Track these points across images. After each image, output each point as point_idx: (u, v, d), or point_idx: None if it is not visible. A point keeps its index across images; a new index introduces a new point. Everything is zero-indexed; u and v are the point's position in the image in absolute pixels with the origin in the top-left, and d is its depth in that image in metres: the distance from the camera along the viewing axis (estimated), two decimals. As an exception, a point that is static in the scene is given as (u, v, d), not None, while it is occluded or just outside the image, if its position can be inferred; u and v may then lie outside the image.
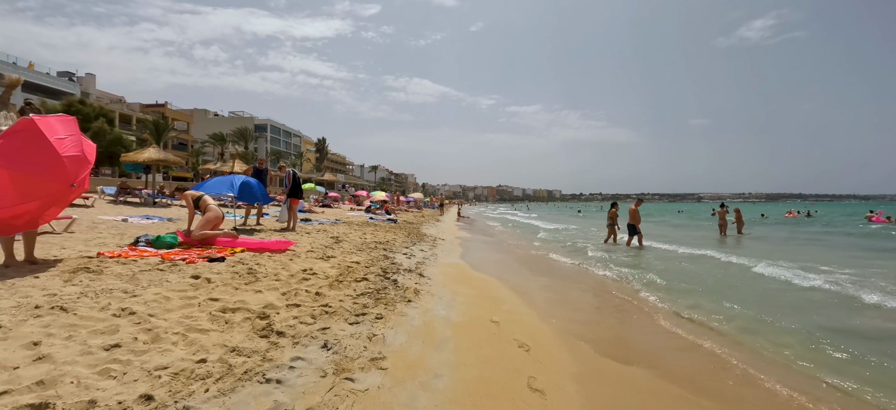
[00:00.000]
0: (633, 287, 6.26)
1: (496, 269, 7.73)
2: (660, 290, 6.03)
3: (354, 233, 10.25)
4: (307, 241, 7.81)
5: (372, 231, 11.18)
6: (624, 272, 7.50)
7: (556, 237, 15.96)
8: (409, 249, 8.70)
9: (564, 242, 13.93)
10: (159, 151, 15.23)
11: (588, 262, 9.03)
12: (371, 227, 12.47)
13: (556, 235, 17.18)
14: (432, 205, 47.79)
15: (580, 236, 16.75)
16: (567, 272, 7.85)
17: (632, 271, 7.80)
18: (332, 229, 10.74)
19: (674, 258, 9.57)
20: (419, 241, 10.51)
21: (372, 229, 11.87)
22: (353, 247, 7.76)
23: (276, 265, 5.12)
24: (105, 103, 57.00)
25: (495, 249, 11.67)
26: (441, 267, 6.95)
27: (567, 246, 12.53)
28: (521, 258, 10.03)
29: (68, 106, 30.04)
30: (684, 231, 19.75)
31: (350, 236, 9.38)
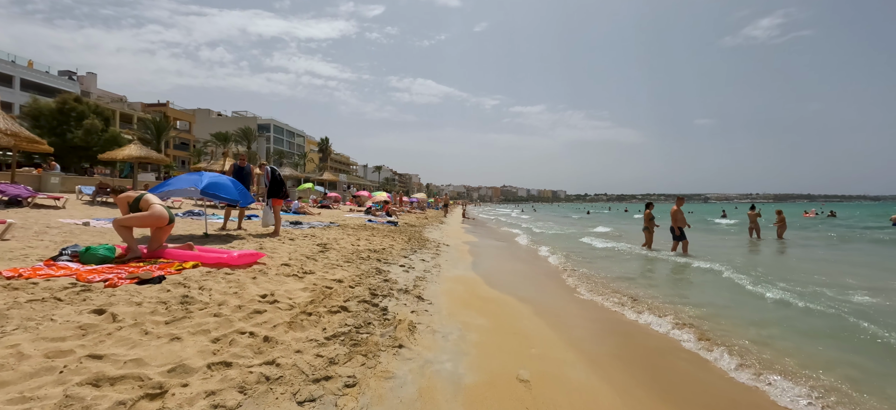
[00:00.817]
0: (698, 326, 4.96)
1: (514, 283, 6.45)
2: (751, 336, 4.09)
3: (347, 238, 9.04)
4: (287, 250, 6.60)
5: (368, 236, 9.97)
6: (662, 292, 6.17)
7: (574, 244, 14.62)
8: (409, 258, 7.47)
9: (589, 245, 12.65)
10: (140, 148, 14.12)
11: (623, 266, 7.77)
12: (368, 231, 11.26)
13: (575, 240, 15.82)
14: (436, 206, 46.55)
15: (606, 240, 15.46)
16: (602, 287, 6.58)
17: (670, 290, 6.48)
18: (323, 233, 9.53)
19: (730, 284, 6.96)
20: (421, 248, 9.28)
21: (368, 233, 10.65)
22: (341, 257, 6.54)
23: (228, 288, 3.90)
24: (106, 103, 56.41)
25: (510, 256, 10.36)
26: (446, 283, 5.71)
27: (593, 252, 11.24)
28: (543, 267, 8.72)
29: (62, 103, 29.12)
30: (714, 236, 18.25)
31: (341, 243, 8.17)
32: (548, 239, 15.35)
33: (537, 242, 13.97)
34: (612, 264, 9.03)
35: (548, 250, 11.48)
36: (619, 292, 6.08)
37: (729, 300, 5.79)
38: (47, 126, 28.96)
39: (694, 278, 7.62)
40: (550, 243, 13.44)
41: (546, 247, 12.13)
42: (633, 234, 17.80)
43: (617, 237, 16.35)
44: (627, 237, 15.97)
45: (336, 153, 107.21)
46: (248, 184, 9.33)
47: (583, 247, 12.79)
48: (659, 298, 5.70)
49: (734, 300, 5.81)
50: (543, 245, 12.61)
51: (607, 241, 14.50)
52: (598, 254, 10.99)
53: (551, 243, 13.41)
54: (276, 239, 7.70)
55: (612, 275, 7.56)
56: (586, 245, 13.39)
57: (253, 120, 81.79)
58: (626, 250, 11.39)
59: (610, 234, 18.58)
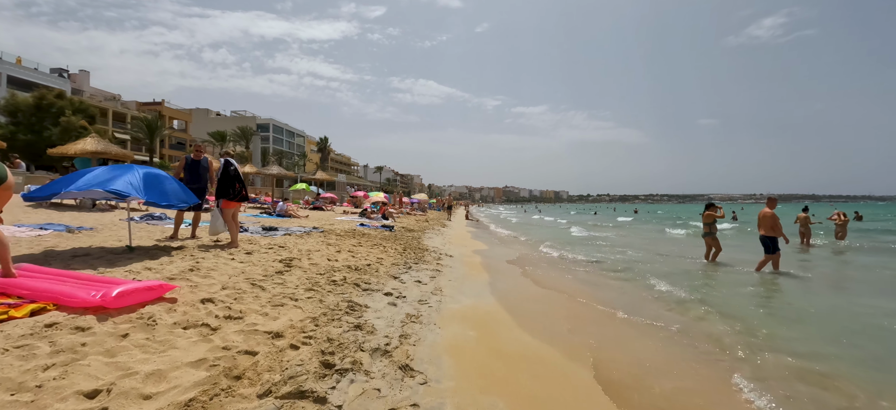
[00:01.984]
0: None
1: (558, 320, 4.55)
2: None
3: (326, 249, 7.17)
4: (228, 272, 4.74)
5: (353, 245, 8.10)
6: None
7: (601, 249, 12.68)
8: (399, 279, 5.60)
9: (624, 252, 10.72)
10: (98, 141, 12.31)
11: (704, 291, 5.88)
12: (356, 238, 9.40)
13: (598, 245, 13.86)
14: (438, 207, 44.63)
15: (635, 244, 13.53)
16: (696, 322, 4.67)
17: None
18: (298, 243, 7.68)
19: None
20: (418, 261, 7.41)
21: (355, 241, 8.78)
22: (304, 282, 4.68)
23: (59, 359, 2.04)
24: (98, 101, 54.85)
25: (536, 270, 8.40)
26: (451, 326, 3.84)
27: (636, 262, 9.32)
28: (588, 289, 6.55)
29: (40, 99, 27.41)
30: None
31: (314, 257, 6.30)
32: (576, 244, 13.43)
33: (564, 246, 12.07)
34: (694, 281, 7.09)
35: (584, 259, 9.54)
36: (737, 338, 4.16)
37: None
38: (25, 123, 27.33)
39: (777, 288, 5.69)
40: (582, 249, 11.52)
41: (578, 253, 10.23)
42: (662, 242, 15.89)
43: (662, 245, 14.44)
44: (663, 246, 14.00)
45: (337, 154, 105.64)
46: (206, 181, 7.48)
47: (631, 255, 10.84)
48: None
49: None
50: (573, 251, 10.73)
51: (656, 249, 12.58)
52: (659, 269, 8.55)
53: (583, 250, 11.48)
54: (225, 253, 5.84)
55: (719, 305, 5.61)
56: (638, 256, 11.06)
57: (252, 120, 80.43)
58: (691, 264, 9.22)
59: (651, 240, 16.65)
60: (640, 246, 13.13)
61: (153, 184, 5.28)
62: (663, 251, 11.81)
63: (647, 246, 13.33)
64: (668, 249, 12.60)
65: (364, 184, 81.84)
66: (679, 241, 15.69)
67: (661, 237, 17.57)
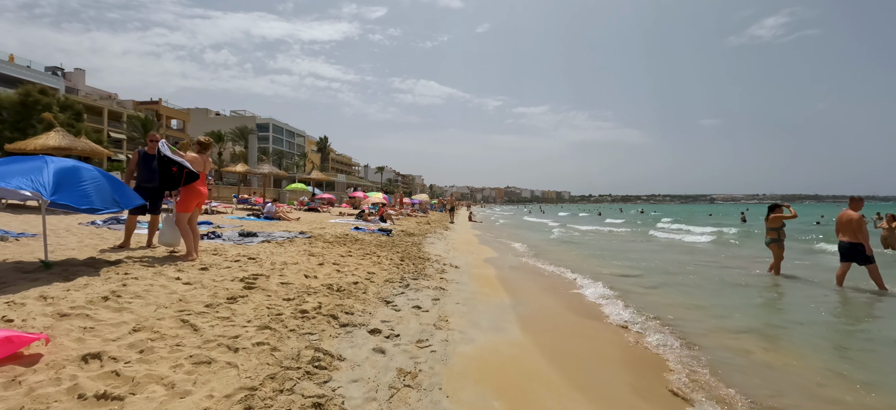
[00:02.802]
0: None
1: (618, 359, 3.29)
2: None
3: (306, 263, 5.91)
4: (164, 298, 3.49)
5: (341, 256, 6.83)
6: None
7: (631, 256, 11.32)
8: (392, 304, 4.34)
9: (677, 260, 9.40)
10: (64, 136, 11.06)
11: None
12: (346, 246, 8.14)
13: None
14: (439, 208, 43.36)
15: (667, 254, 12.21)
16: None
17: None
18: (275, 253, 6.42)
19: None
20: (417, 275, 6.14)
21: (344, 250, 7.51)
22: (261, 315, 3.43)
23: None
24: (94, 100, 53.80)
25: (564, 288, 7.09)
26: (465, 390, 2.57)
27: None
28: (635, 301, 5.37)
29: (25, 96, 26.26)
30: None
31: (288, 273, 5.04)
32: (605, 253, 11.96)
33: (590, 254, 10.75)
34: (770, 307, 5.81)
35: (620, 272, 8.20)
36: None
37: None
38: (9, 121, 26.23)
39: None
40: (612, 258, 10.24)
41: (608, 264, 8.93)
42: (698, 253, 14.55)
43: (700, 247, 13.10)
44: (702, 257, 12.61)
45: (338, 154, 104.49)
46: (163, 175, 6.22)
47: (671, 261, 9.50)
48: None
49: None
50: (602, 260, 9.43)
51: (692, 256, 11.26)
52: (710, 283, 7.16)
53: (614, 259, 10.14)
54: (172, 270, 4.59)
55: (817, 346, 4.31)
56: (679, 269, 8.96)
57: (251, 119, 79.53)
58: (758, 276, 7.85)
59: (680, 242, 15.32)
60: (671, 258, 11.69)
61: (68, 181, 4.02)
62: (708, 260, 10.52)
63: (681, 258, 12.01)
64: (707, 258, 11.31)
65: (364, 184, 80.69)
66: (711, 249, 14.36)
67: (698, 246, 16.22)
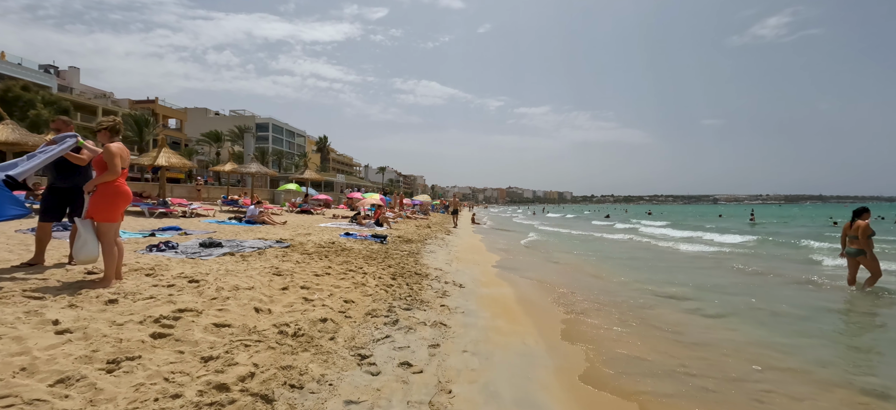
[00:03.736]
0: None
1: None
2: None
3: (263, 289, 4.52)
4: (18, 358, 2.12)
5: (317, 274, 5.44)
6: None
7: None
8: (370, 358, 2.95)
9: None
10: (14, 130, 9.72)
11: None
12: (327, 259, 6.74)
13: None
14: (441, 209, 41.94)
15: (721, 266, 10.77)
16: None
17: None
18: (232, 271, 5.05)
19: None
20: (411, 303, 4.74)
21: (324, 265, 6.12)
22: (144, 400, 2.05)
23: None
24: (88, 98, 52.65)
25: (603, 304, 5.64)
26: None
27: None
28: (702, 338, 4.02)
29: (5, 91, 25.07)
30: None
31: (230, 308, 3.65)
32: (637, 263, 10.20)
33: (621, 266, 9.28)
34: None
35: (672, 295, 6.61)
36: None
37: None
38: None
39: None
40: (646, 271, 8.68)
41: (649, 279, 7.47)
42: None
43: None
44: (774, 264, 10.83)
45: (338, 154, 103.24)
46: (82, 175, 4.81)
47: (715, 273, 8.11)
48: None
49: None
50: (638, 273, 7.97)
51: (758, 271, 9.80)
52: (793, 306, 5.61)
53: (649, 272, 8.56)
54: (62, 302, 3.22)
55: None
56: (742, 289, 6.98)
57: (251, 119, 78.55)
58: (847, 294, 6.41)
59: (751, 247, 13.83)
60: (710, 269, 10.20)
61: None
62: (760, 270, 9.09)
63: (725, 268, 10.55)
64: (756, 264, 9.88)
65: (365, 185, 79.40)
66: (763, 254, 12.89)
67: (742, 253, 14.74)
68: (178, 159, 13.19)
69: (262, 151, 68.76)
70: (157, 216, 12.07)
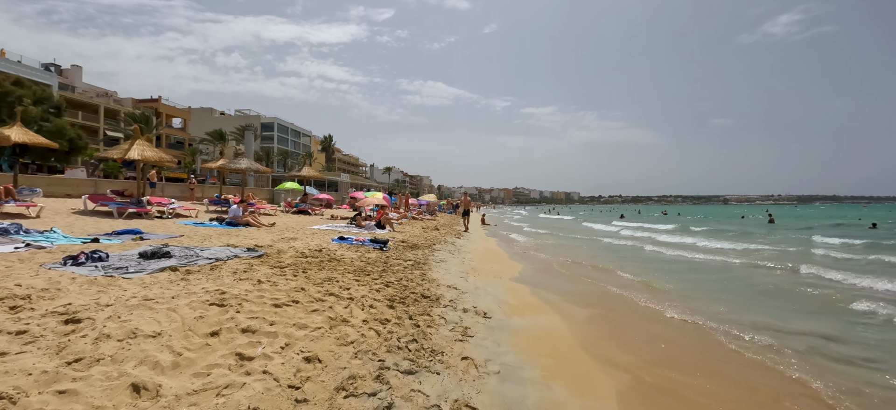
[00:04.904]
0: None
1: None
2: None
3: (173, 339, 2.87)
4: None
5: (272, 306, 3.77)
6: None
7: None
8: None
9: None
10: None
11: None
12: (304, 275, 5.07)
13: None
14: (448, 210, 40.20)
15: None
16: None
17: None
18: (144, 304, 3.40)
19: None
20: (417, 353, 3.06)
21: (294, 285, 4.45)
22: None
23: None
24: (90, 97, 51.80)
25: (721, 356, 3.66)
26: None
27: None
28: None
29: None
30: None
31: (45, 395, 2.01)
32: (707, 279, 7.83)
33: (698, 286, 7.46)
34: None
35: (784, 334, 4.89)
36: None
37: None
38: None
39: None
40: (745, 300, 6.54)
41: (735, 299, 5.67)
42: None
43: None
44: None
45: (344, 154, 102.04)
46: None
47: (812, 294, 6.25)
48: None
49: None
50: (708, 289, 6.14)
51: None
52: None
53: (746, 300, 6.45)
54: None
55: None
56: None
57: (256, 119, 77.60)
58: None
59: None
60: (803, 288, 8.14)
61: None
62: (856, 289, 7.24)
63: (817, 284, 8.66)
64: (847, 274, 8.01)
65: (370, 185, 78.05)
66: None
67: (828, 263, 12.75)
68: (154, 152, 11.63)
69: (266, 150, 67.70)
70: (127, 217, 10.54)
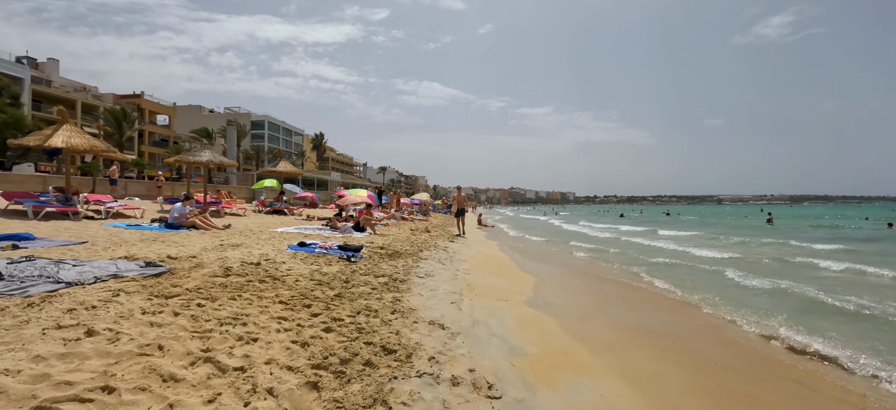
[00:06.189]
0: None
1: None
2: None
3: None
4: None
5: (130, 358, 1.91)
6: None
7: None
8: None
9: None
10: None
11: None
12: (234, 292, 3.17)
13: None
14: (443, 210, 38.23)
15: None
16: None
17: None
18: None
19: None
20: None
21: (170, 328, 2.58)
22: None
23: None
24: (67, 92, 49.38)
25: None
26: None
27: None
28: None
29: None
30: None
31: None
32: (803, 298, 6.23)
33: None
34: None
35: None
36: None
37: None
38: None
39: None
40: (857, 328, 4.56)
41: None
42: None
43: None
44: None
45: (338, 153, 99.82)
46: None
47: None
48: None
49: None
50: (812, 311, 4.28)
51: None
52: None
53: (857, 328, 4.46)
54: None
55: None
56: None
57: (246, 116, 75.31)
58: None
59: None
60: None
61: None
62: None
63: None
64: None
65: (364, 184, 76.03)
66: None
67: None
68: (84, 139, 9.61)
69: (257, 149, 65.47)
70: (43, 218, 8.57)
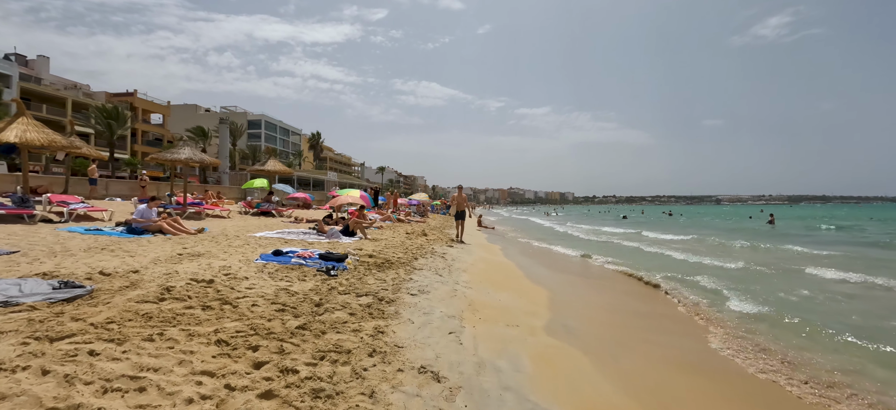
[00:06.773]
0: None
1: None
2: None
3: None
4: None
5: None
6: None
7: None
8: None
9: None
10: None
11: None
12: (165, 326, 2.26)
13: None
14: (442, 210, 37.30)
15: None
16: None
17: None
18: None
19: None
20: None
21: (25, 397, 1.68)
22: None
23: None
24: (57, 89, 48.29)
25: None
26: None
27: None
28: None
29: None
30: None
31: None
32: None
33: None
34: None
35: None
36: None
37: None
38: None
39: None
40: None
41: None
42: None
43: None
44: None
45: (336, 153, 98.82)
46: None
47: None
48: None
49: None
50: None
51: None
52: None
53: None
54: None
55: None
56: None
57: (242, 115, 74.29)
58: None
59: None
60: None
61: None
62: None
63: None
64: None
65: (362, 184, 75.09)
66: None
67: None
68: (41, 134, 8.65)
69: (253, 149, 64.46)
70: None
